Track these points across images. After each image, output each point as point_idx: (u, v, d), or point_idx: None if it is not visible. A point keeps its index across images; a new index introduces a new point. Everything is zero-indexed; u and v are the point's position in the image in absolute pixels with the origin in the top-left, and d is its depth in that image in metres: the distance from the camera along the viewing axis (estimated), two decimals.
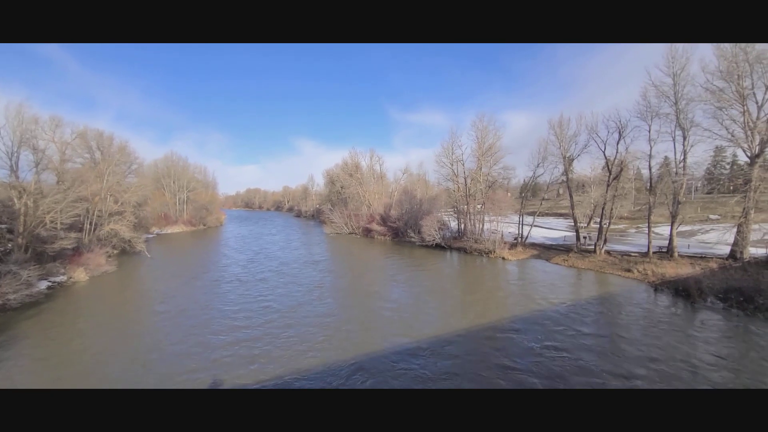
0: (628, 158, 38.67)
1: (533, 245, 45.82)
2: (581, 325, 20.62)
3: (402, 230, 59.21)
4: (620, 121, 37.47)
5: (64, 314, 23.36)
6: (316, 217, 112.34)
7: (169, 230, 78.57)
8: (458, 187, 54.45)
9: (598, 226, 40.08)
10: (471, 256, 44.04)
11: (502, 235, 45.04)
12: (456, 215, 56.22)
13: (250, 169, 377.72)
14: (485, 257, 42.85)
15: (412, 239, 53.36)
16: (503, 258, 41.41)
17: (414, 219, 56.76)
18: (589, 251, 39.06)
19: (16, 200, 30.67)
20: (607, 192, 39.05)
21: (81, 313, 23.68)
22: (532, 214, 50.86)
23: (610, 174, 39.23)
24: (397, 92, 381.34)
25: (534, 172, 48.09)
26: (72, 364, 16.64)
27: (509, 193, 60.77)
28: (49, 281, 29.21)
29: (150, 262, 41.34)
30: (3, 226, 31.58)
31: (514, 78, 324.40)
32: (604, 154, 40.11)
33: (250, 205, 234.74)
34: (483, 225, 49.33)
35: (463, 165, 54.20)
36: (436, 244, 49.75)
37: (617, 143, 38.31)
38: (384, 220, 65.92)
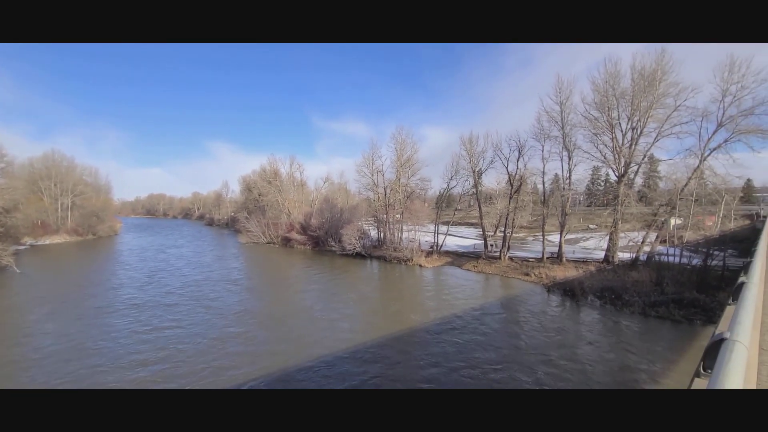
0: (526, 174, 43.50)
1: (447, 253, 48.70)
2: (488, 324, 22.46)
3: (323, 239, 58.56)
4: (520, 141, 42.20)
5: None
6: (231, 226, 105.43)
7: (47, 240, 67.39)
8: (378, 196, 55.77)
9: (503, 234, 44.18)
10: (390, 264, 45.23)
11: (420, 244, 47.16)
12: (376, 224, 57.40)
13: (155, 173, 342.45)
14: (404, 265, 44.35)
15: (333, 248, 53.11)
16: (420, 265, 43.29)
17: (335, 228, 56.57)
18: (495, 258, 42.75)
19: None
20: (509, 204, 43.33)
21: None
22: (447, 223, 54.24)
23: (512, 188, 43.70)
24: (321, 100, 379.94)
25: (448, 184, 51.52)
26: None
27: (426, 204, 63.94)
28: None
29: (18, 280, 34.77)
30: None
31: (433, 96, 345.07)
32: (507, 170, 44.63)
33: (153, 212, 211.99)
34: (402, 234, 51.12)
35: (383, 175, 55.86)
36: (356, 252, 50.15)
37: (518, 160, 42.97)
38: (304, 229, 64.55)
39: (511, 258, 41.92)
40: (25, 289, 31.58)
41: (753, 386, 3.85)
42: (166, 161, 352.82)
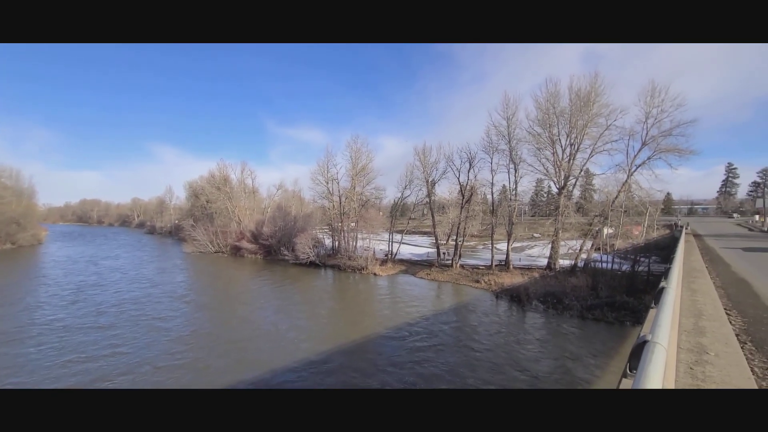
0: (476, 185, 45.42)
1: (401, 261, 49.32)
2: (441, 330, 23.02)
3: (275, 248, 56.90)
4: (470, 153, 44.07)
5: None
6: (175, 235, 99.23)
7: None
8: (333, 205, 55.40)
9: (455, 243, 45.62)
10: (345, 273, 44.93)
11: (374, 252, 47.38)
12: (331, 233, 56.87)
13: (90, 176, 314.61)
14: (358, 273, 44.25)
15: (286, 257, 51.79)
16: (375, 274, 43.43)
17: (288, 236, 55.25)
18: (447, 265, 43.96)
19: None
20: (461, 213, 44.91)
21: None
22: (401, 232, 55.04)
23: (463, 198, 45.39)
24: (276, 106, 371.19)
25: (402, 194, 52.53)
26: None
27: (381, 212, 64.54)
28: None
29: None
30: None
31: (390, 106, 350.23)
32: (459, 181, 46.34)
33: (86, 219, 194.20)
34: (356, 242, 51.08)
35: (338, 184, 55.62)
36: (310, 261, 49.27)
37: (468, 171, 44.80)
38: (256, 238, 62.37)
39: (462, 266, 43.32)
40: None
41: (672, 384, 4.31)
42: (103, 164, 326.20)
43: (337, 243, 53.85)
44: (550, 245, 39.72)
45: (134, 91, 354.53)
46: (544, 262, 40.44)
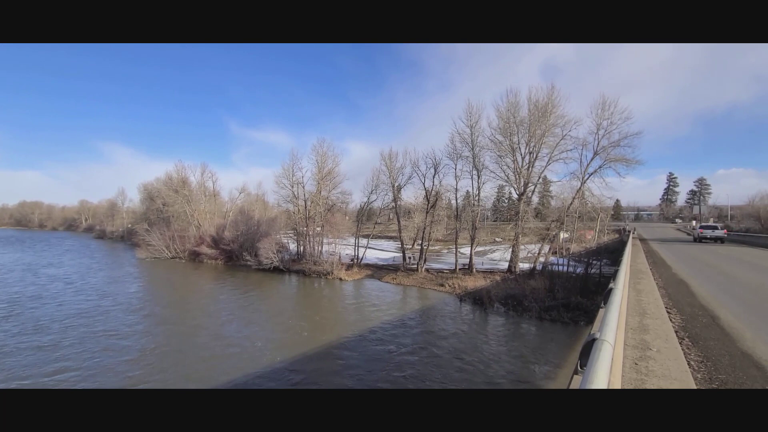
0: (441, 190, 46.41)
1: (367, 266, 49.31)
2: (406, 333, 23.23)
3: (237, 253, 55.14)
4: (435, 159, 45.03)
5: None
6: (127, 239, 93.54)
7: None
8: (298, 209, 54.55)
9: (420, 247, 46.24)
10: (310, 278, 44.29)
11: (340, 257, 47.08)
12: (296, 237, 55.92)
13: (29, 176, 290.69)
14: (324, 278, 43.76)
15: (248, 262, 50.30)
16: (340, 279, 43.12)
17: (251, 241, 53.72)
18: (413, 270, 44.45)
19: None
20: (426, 218, 45.65)
21: None
22: (367, 236, 55.05)
23: (429, 203, 46.18)
24: (239, 106, 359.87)
25: (368, 198, 52.63)
26: None
27: (347, 217, 64.22)
28: None
29: None
30: None
31: (357, 111, 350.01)
32: (424, 186, 47.16)
33: (26, 222, 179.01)
34: (322, 247, 50.54)
35: (304, 187, 54.87)
36: (274, 267, 48.14)
37: (434, 177, 45.76)
38: (216, 243, 60.13)
39: (427, 270, 43.96)
40: None
41: (618, 378, 4.61)
42: (45, 163, 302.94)
43: (302, 248, 53.01)
44: (510, 249, 41.22)
45: (82, 87, 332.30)
46: (505, 265, 41.85)
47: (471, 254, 42.43)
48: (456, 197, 45.29)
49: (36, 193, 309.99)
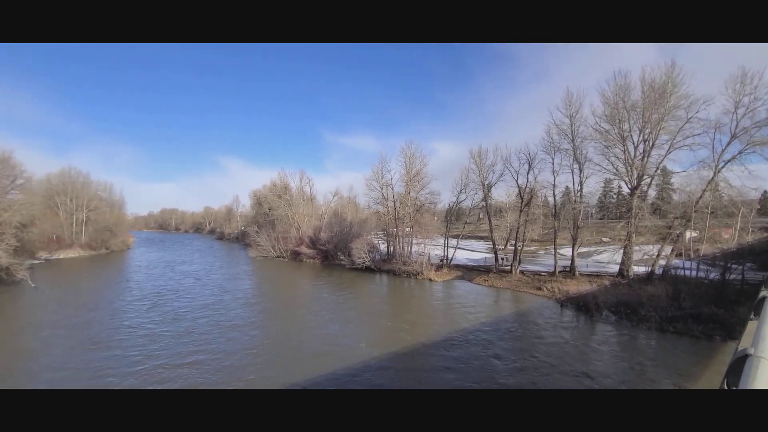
0: (536, 187, 43.28)
1: (457, 266, 48.31)
2: (501, 338, 22.07)
3: (332, 253, 58.64)
4: (529, 154, 42.13)
5: None
6: (241, 240, 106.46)
7: (61, 255, 68.62)
8: (388, 210, 55.90)
9: (514, 248, 43.74)
10: (400, 278, 44.98)
11: (429, 257, 46.95)
12: (386, 238, 57.37)
13: (167, 188, 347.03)
14: (413, 279, 44.05)
15: (342, 262, 53.10)
16: (430, 279, 42.94)
17: (344, 242, 56.68)
18: (506, 271, 42.24)
19: None
20: (519, 217, 43.01)
21: None
22: (456, 236, 54.01)
23: (522, 201, 43.45)
24: (330, 115, 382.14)
25: (457, 198, 51.55)
26: None
27: (435, 217, 63.87)
28: None
29: (32, 295, 35.20)
30: None
31: (443, 110, 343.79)
32: (517, 183, 44.52)
33: (165, 226, 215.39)
34: (411, 247, 50.98)
35: (392, 189, 56.06)
36: (366, 266, 50.04)
37: (528, 173, 42.87)
38: (313, 243, 64.76)
39: (522, 272, 41.38)
40: (34, 309, 31.04)
41: None
42: (179, 176, 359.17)
43: (392, 248, 54.16)
44: (621, 250, 36.56)
45: (205, 104, 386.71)
46: (615, 268, 37.30)
47: (573, 255, 38.74)
48: (554, 194, 41.79)
49: (172, 202, 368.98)
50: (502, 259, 46.43)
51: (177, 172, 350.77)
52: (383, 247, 57.83)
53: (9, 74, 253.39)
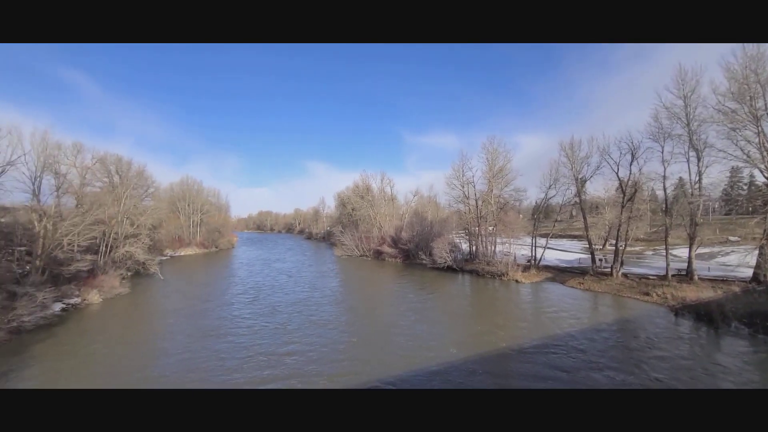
0: (641, 179, 38.33)
1: (547, 268, 45.06)
2: (600, 350, 19.96)
3: (413, 252, 58.96)
4: (632, 143, 37.46)
5: (74, 337, 23.48)
6: (327, 239, 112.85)
7: (182, 252, 79.58)
8: (469, 209, 54.38)
9: (614, 248, 39.36)
10: (483, 279, 43.44)
11: (515, 258, 44.50)
12: (467, 237, 55.90)
13: (262, 192, 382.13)
14: (498, 280, 42.21)
15: (424, 261, 53.04)
16: (516, 281, 40.72)
17: (425, 241, 56.60)
18: (605, 274, 38.21)
19: (36, 223, 31.59)
20: (621, 213, 38.52)
21: (90, 337, 23.54)
22: (545, 236, 50.37)
23: (624, 195, 38.84)
24: (409, 115, 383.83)
25: (546, 194, 47.95)
26: (82, 381, 16.69)
27: (521, 215, 60.42)
28: (64, 303, 29.61)
29: (162, 285, 41.55)
30: (22, 248, 32.41)
31: (528, 101, 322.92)
32: (618, 176, 39.93)
33: (262, 227, 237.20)
34: (495, 247, 48.89)
35: (474, 187, 54.37)
36: (447, 266, 49.30)
37: (630, 164, 38.17)
38: (395, 243, 65.81)
39: (625, 275, 37.03)
40: (172, 293, 37.20)
41: None
42: (272, 181, 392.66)
43: (474, 248, 52.59)
44: (756, 251, 30.57)
45: (294, 113, 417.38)
46: (747, 272, 31.36)
47: (690, 257, 33.50)
48: (664, 187, 36.42)
49: (267, 205, 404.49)
50: (600, 260, 42.11)
51: (271, 178, 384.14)
52: (465, 246, 56.45)
53: (143, 104, 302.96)
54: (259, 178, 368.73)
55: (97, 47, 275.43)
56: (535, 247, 47.39)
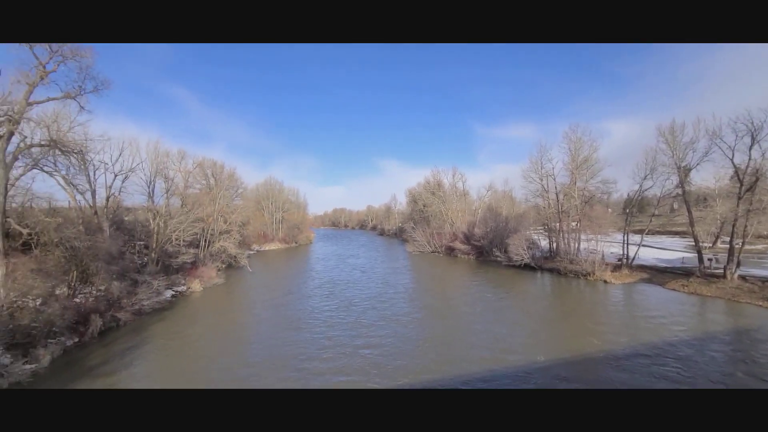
0: (765, 166, 32.43)
1: (642, 267, 40.45)
2: (714, 362, 17.39)
3: (487, 249, 56.98)
4: (752, 123, 31.80)
5: (181, 320, 26.89)
6: (399, 236, 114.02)
7: (266, 247, 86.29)
8: (549, 203, 50.91)
9: (728, 246, 33.94)
10: (566, 278, 40.40)
11: (603, 256, 40.64)
12: (547, 234, 52.43)
13: (337, 190, 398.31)
14: (582, 279, 38.94)
15: (498, 258, 50.92)
16: (605, 281, 37.19)
17: (499, 237, 54.29)
18: (716, 276, 33.16)
19: (151, 221, 36.67)
20: (738, 206, 33.00)
21: (194, 321, 26.91)
22: (640, 232, 45.17)
23: (742, 185, 33.21)
24: (482, 107, 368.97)
25: (640, 185, 42.81)
26: (188, 359, 19.01)
27: (610, 209, 55.02)
28: (173, 290, 33.87)
29: (251, 277, 45.54)
30: (141, 242, 37.77)
31: (618, 84, 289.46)
32: (733, 163, 34.23)
33: (337, 224, 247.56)
34: (579, 244, 45.13)
35: (554, 180, 50.66)
36: (524, 264, 46.75)
37: (750, 149, 32.45)
38: (467, 239, 64.19)
39: (743, 277, 31.76)
40: (250, 291, 40.48)
41: None
42: (346, 179, 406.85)
43: (554, 245, 49.16)
44: None
45: (367, 112, 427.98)
46: None
47: None
48: None
49: (341, 202, 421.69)
50: (710, 259, 36.62)
51: (344, 176, 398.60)
52: (544, 243, 53.03)
53: (233, 113, 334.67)
54: (333, 177, 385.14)
55: (195, 67, 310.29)
56: (627, 244, 42.74)
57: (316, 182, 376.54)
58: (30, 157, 24.25)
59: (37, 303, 20.47)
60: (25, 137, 23.55)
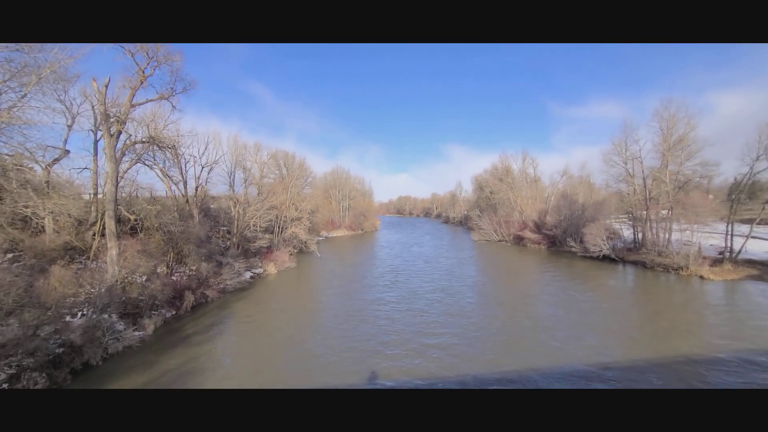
0: None
1: (750, 262, 35.04)
2: None
3: (560, 239, 53.42)
4: None
5: (259, 300, 29.30)
6: (464, 224, 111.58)
7: (333, 234, 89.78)
8: (635, 189, 46.00)
9: None
10: (653, 273, 36.50)
11: (700, 248, 35.92)
12: (630, 222, 47.61)
13: (402, 178, 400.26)
14: (673, 274, 34.88)
15: (573, 249, 47.50)
16: (701, 276, 32.93)
17: (575, 226, 50.49)
18: None
19: (232, 208, 40.05)
20: None
21: (270, 301, 29.35)
22: (749, 221, 39.00)
23: None
24: (558, 85, 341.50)
25: (751, 168, 36.77)
26: (266, 333, 20.76)
27: (711, 195, 48.18)
28: (252, 272, 36.77)
29: (320, 261, 47.83)
30: (224, 228, 41.49)
31: (726, 49, 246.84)
32: None
33: (401, 211, 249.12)
34: (670, 234, 40.30)
35: (642, 163, 45.51)
36: (603, 255, 43.05)
37: None
38: (538, 228, 60.74)
39: None
40: (329, 268, 43.19)
41: None
42: (410, 167, 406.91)
43: (639, 235, 44.54)
44: None
45: (432, 95, 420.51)
46: None
47: None
48: None
49: (406, 190, 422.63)
50: None
51: (409, 164, 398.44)
52: (627, 233, 48.29)
53: (304, 105, 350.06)
54: (398, 165, 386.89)
55: (270, 64, 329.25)
56: (731, 235, 37.19)
57: (382, 170, 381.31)
58: (134, 153, 27.75)
59: (143, 279, 23.58)
60: (130, 135, 26.95)
